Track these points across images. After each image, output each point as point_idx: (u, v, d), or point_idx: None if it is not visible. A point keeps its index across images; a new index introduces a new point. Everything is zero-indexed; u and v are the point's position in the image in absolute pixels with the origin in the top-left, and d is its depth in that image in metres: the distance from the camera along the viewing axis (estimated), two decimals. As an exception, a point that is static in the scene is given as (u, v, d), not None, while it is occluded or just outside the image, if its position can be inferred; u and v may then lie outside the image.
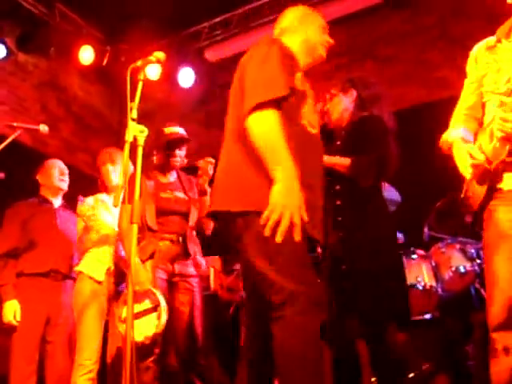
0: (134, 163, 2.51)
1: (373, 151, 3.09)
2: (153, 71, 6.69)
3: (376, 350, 2.88)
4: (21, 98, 6.58)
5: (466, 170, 2.42)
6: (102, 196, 4.08)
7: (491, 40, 2.55)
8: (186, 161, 3.90)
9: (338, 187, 3.15)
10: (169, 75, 6.91)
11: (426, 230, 4.21)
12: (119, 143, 7.37)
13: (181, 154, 3.87)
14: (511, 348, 2.21)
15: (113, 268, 3.83)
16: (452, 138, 2.57)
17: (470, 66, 2.63)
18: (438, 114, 5.01)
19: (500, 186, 2.33)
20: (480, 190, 2.37)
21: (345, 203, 3.13)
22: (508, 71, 2.40)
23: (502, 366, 2.23)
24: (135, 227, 2.32)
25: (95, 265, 3.84)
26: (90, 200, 4.03)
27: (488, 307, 2.31)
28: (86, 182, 6.57)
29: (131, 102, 2.52)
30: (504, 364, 2.23)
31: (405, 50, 6.19)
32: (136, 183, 2.40)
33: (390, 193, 4.31)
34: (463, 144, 2.49)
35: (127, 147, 2.43)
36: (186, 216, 3.76)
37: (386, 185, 4.27)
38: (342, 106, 3.35)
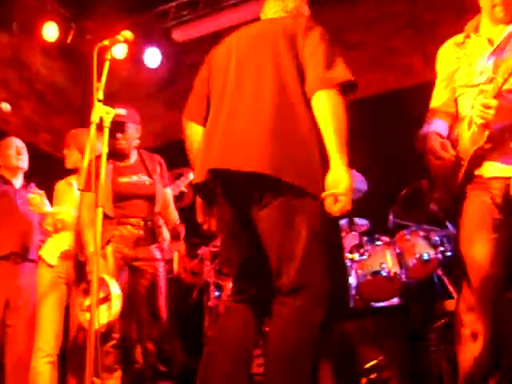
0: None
1: None
2: (119, 50, 6.55)
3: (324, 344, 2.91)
4: (-19, 74, 6.41)
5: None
6: (70, 179, 4.03)
7: (459, 36, 2.61)
8: (137, 141, 3.81)
9: None
10: (135, 55, 6.78)
11: (391, 217, 4.23)
12: (82, 122, 7.28)
13: (124, 136, 3.73)
14: (479, 334, 2.24)
15: (72, 252, 3.77)
16: (426, 131, 2.59)
17: (440, 65, 2.69)
18: (405, 101, 5.09)
19: (478, 172, 2.38)
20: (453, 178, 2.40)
21: None
22: (480, 64, 2.44)
23: (469, 352, 2.26)
24: (100, 211, 2.26)
25: (50, 249, 3.80)
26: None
27: (464, 288, 2.33)
28: (48, 161, 6.46)
29: (97, 82, 2.43)
30: (472, 350, 2.26)
31: (372, 36, 6.19)
32: (101, 166, 2.34)
33: (356, 179, 4.33)
34: (438, 138, 2.51)
35: (93, 128, 2.36)
36: (150, 199, 3.70)
37: (353, 171, 4.29)
38: None
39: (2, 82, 6.59)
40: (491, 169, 2.35)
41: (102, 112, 2.41)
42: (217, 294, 4.40)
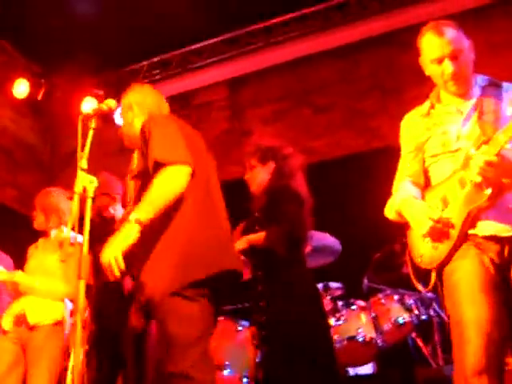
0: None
1: (283, 222, 3.22)
2: (88, 107, 6.54)
3: None
4: None
5: (420, 226, 2.44)
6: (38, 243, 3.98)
7: (423, 108, 2.67)
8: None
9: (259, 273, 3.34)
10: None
11: (365, 280, 4.25)
12: (50, 180, 7.20)
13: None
14: None
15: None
16: (400, 199, 2.60)
17: (407, 136, 2.69)
18: (375, 162, 5.17)
19: (473, 231, 2.36)
20: (436, 250, 2.40)
21: (264, 275, 3.31)
22: (454, 131, 2.50)
23: None
24: (82, 283, 2.21)
25: (6, 315, 3.79)
26: None
27: (461, 351, 2.26)
28: (14, 218, 6.34)
29: (81, 151, 2.41)
30: None
31: (340, 98, 6.33)
32: (84, 237, 2.30)
33: (330, 242, 4.35)
34: (414, 200, 2.54)
35: (76, 198, 2.33)
36: None
37: (327, 235, 4.31)
38: (260, 177, 3.50)
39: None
40: (487, 228, 2.35)
41: (85, 181, 2.38)
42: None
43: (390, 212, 2.66)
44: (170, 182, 2.49)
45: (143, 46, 6.56)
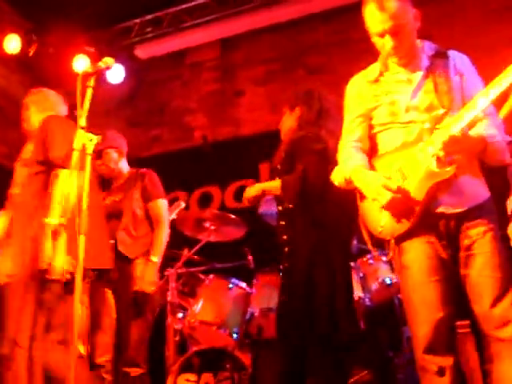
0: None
1: (297, 170, 3.11)
2: (81, 65, 6.50)
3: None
4: None
5: (378, 196, 2.39)
6: None
7: (371, 74, 2.63)
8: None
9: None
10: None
11: (354, 241, 4.31)
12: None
13: (104, 162, 3.93)
14: (447, 368, 2.28)
15: None
16: (350, 166, 2.57)
17: (354, 100, 2.66)
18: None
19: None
20: (397, 223, 2.39)
21: (285, 224, 3.19)
22: (403, 102, 2.49)
23: None
24: (82, 238, 2.26)
25: None
26: None
27: (414, 329, 2.36)
28: (3, 175, 6.32)
29: (81, 109, 2.43)
30: None
31: (333, 60, 6.32)
32: (84, 192, 2.34)
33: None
34: (367, 170, 2.52)
35: (75, 156, 2.36)
36: (117, 216, 3.74)
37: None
38: (287, 125, 3.36)
39: (-42, 92, 6.46)
40: (438, 204, 2.37)
41: (84, 139, 2.41)
42: (180, 315, 4.40)
43: (337, 177, 2.64)
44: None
45: (135, 4, 6.50)
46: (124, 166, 3.99)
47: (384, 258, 4.14)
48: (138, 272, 3.66)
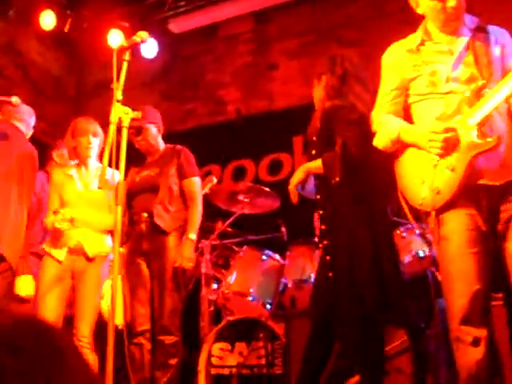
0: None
1: (337, 145, 2.98)
2: (115, 40, 6.56)
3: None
4: (-24, 60, 6.39)
5: (434, 143, 2.37)
6: (68, 170, 4.02)
7: (411, 43, 2.59)
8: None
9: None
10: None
11: (388, 214, 4.32)
12: (76, 111, 7.29)
13: (144, 137, 3.94)
14: (482, 338, 2.30)
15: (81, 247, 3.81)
16: (396, 126, 2.55)
17: (392, 71, 2.62)
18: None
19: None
20: (438, 194, 2.39)
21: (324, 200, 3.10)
22: (444, 72, 2.46)
23: (471, 357, 2.30)
24: (119, 209, 2.32)
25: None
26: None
27: (451, 300, 2.38)
28: (42, 150, 6.46)
29: (117, 82, 2.47)
30: (473, 355, 2.30)
31: (368, 32, 6.25)
32: (121, 165, 2.40)
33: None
34: (414, 126, 2.52)
35: (112, 128, 2.41)
36: (153, 190, 3.81)
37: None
38: (318, 95, 3.24)
39: (-4, 68, 6.59)
40: (479, 176, 2.35)
41: (120, 112, 2.46)
42: (215, 286, 4.48)
43: (381, 141, 2.61)
44: None
45: (168, -22, 6.51)
46: (160, 141, 4.05)
47: (417, 231, 4.15)
48: (171, 244, 3.73)
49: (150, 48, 6.79)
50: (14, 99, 3.49)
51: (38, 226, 4.19)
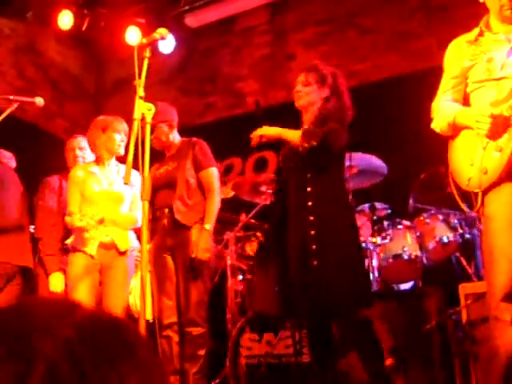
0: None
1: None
2: (132, 37, 6.61)
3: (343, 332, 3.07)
4: (-3, 62, 6.47)
5: (478, 123, 2.45)
6: (90, 166, 4.08)
7: (471, 34, 2.66)
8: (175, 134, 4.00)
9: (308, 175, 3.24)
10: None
11: (411, 201, 4.32)
12: (96, 110, 7.37)
13: (156, 136, 3.92)
14: None
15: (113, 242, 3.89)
16: (453, 111, 2.63)
17: (452, 61, 2.71)
18: (420, 84, 5.14)
19: None
20: (485, 174, 2.45)
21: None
22: (500, 59, 2.51)
23: (509, 336, 2.34)
24: (146, 204, 2.36)
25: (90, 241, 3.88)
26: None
27: (493, 277, 2.41)
28: (63, 149, 6.54)
29: (139, 79, 2.51)
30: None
31: (385, 19, 6.22)
32: (145, 160, 2.43)
33: (376, 164, 4.41)
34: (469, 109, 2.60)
35: (136, 125, 2.45)
36: (171, 186, 3.84)
37: (373, 157, 4.38)
38: (313, 97, 3.37)
39: (17, 69, 6.67)
40: None
41: (143, 109, 2.49)
42: (240, 277, 4.52)
43: (439, 124, 2.69)
44: None
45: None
46: (175, 136, 4.06)
47: (441, 217, 4.15)
48: (194, 238, 3.77)
49: (167, 43, 6.81)
50: (38, 100, 3.53)
51: (59, 224, 4.23)
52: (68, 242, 3.97)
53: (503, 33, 2.57)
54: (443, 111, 2.69)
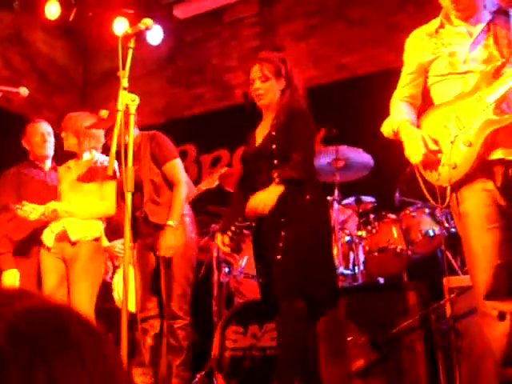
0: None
1: (303, 151, 3.06)
2: (120, 27, 6.56)
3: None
4: (-17, 51, 6.41)
5: (415, 153, 2.50)
6: (69, 163, 4.17)
7: (431, 26, 2.64)
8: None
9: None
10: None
11: (397, 194, 4.33)
12: (84, 101, 7.32)
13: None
14: (507, 312, 2.34)
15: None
16: (398, 119, 2.66)
17: (410, 55, 2.71)
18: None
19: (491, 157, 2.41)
20: (454, 169, 2.44)
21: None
22: (462, 53, 2.51)
23: (500, 330, 2.35)
24: (129, 195, 2.35)
25: (48, 233, 3.96)
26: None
27: (475, 276, 2.42)
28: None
29: (123, 70, 2.49)
30: (500, 329, 2.35)
31: (374, 12, 6.21)
32: (129, 151, 2.42)
33: (362, 158, 4.42)
34: (412, 127, 2.60)
35: (120, 116, 2.43)
36: (138, 187, 3.79)
37: (360, 150, 4.38)
38: (273, 92, 3.23)
39: (3, 59, 6.61)
40: (496, 151, 2.40)
41: (127, 99, 2.47)
42: (227, 270, 4.51)
43: (386, 129, 2.73)
44: None
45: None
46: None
47: (427, 210, 4.16)
48: None
49: (155, 34, 6.78)
50: (22, 90, 3.50)
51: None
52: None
53: (464, 25, 2.56)
54: (392, 117, 2.72)
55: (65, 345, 0.53)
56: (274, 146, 3.12)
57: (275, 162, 3.08)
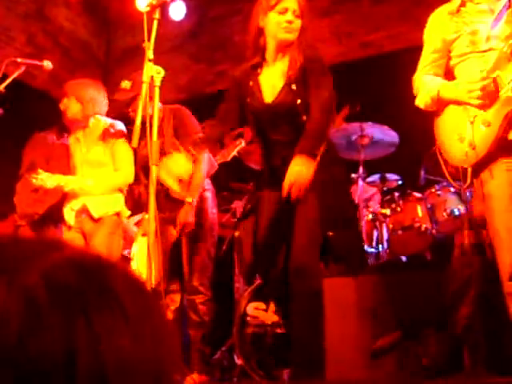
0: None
1: (325, 112, 2.99)
2: (142, 3, 6.50)
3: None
4: (6, 27, 6.39)
5: (472, 92, 2.42)
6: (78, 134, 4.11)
7: (452, 5, 2.61)
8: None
9: None
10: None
11: (422, 173, 4.26)
12: (106, 76, 7.31)
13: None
14: None
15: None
16: (435, 85, 2.62)
17: (433, 33, 2.68)
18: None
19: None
20: (473, 150, 2.40)
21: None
22: (484, 31, 2.48)
23: None
24: (154, 169, 2.33)
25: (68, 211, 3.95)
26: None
27: (500, 257, 2.39)
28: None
29: (148, 41, 2.46)
30: None
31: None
32: (154, 124, 2.40)
33: (388, 135, 4.36)
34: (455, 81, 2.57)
35: (145, 88, 2.41)
36: None
37: (385, 127, 4.32)
38: (298, 32, 3.18)
39: (26, 36, 6.60)
40: None
41: (152, 71, 2.45)
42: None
43: (422, 100, 2.71)
44: None
45: None
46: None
47: (452, 190, 4.09)
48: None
49: (178, 10, 6.71)
50: (46, 63, 3.49)
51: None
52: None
53: (485, 3, 2.52)
54: (426, 86, 2.67)
55: (108, 302, 0.51)
56: (298, 101, 3.01)
57: (303, 118, 2.98)
